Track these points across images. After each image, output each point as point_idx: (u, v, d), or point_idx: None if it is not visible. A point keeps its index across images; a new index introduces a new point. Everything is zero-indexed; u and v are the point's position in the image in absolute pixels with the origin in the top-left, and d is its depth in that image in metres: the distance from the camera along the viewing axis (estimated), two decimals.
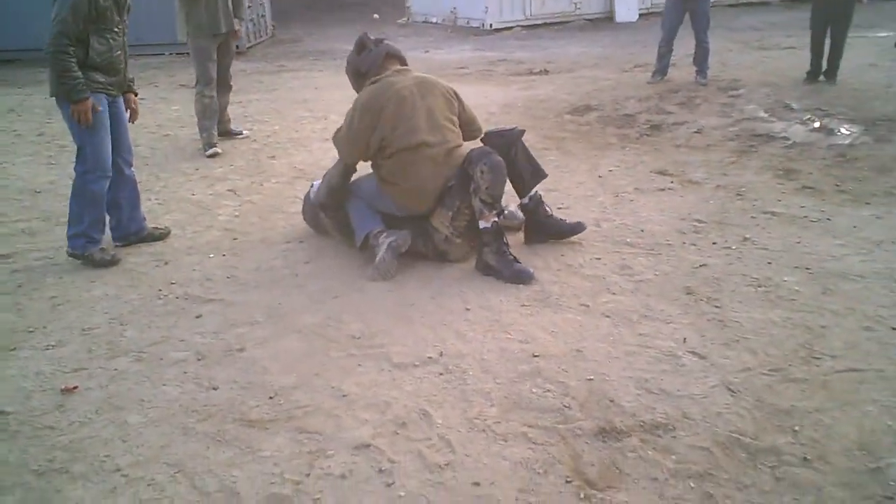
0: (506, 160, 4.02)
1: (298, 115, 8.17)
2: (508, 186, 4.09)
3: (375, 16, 17.74)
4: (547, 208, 4.34)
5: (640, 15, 16.18)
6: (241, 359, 3.25)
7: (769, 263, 4.03)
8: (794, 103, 7.97)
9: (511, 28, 14.91)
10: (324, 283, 3.97)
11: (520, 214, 4.44)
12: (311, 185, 4.65)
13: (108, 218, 4.38)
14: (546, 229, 4.32)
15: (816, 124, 7.05)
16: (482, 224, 3.94)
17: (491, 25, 14.75)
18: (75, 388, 3.06)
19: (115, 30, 4.13)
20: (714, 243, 4.32)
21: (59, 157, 6.58)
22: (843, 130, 6.83)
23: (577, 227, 4.32)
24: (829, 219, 4.63)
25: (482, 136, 4.31)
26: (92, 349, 3.37)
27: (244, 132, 7.20)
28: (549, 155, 6.25)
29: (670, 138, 6.73)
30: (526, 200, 4.29)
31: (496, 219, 3.96)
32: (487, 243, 3.94)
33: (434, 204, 4.09)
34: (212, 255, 4.39)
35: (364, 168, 4.31)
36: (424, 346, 3.29)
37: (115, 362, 3.25)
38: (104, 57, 4.10)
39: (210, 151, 6.58)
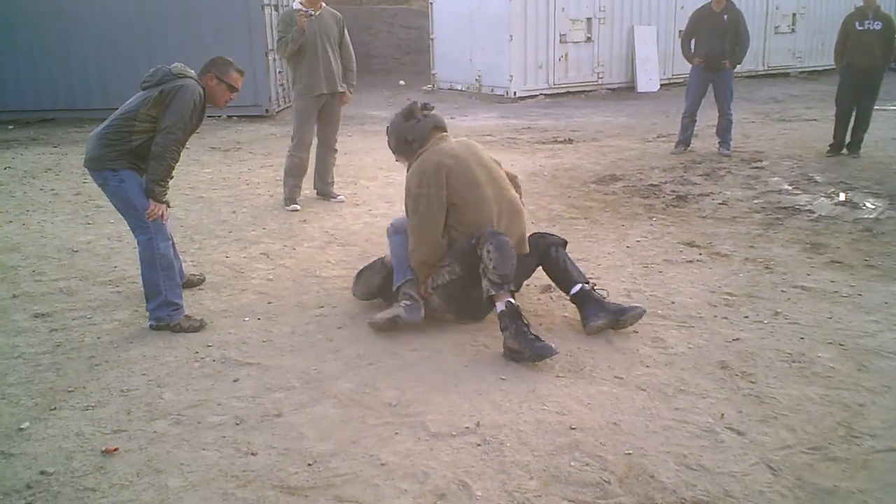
0: (546, 259, 4.25)
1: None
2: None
3: (402, 82, 18.12)
4: (601, 292, 4.25)
5: (662, 85, 16.45)
6: (279, 424, 3.27)
7: (802, 339, 4.03)
8: (817, 176, 8.06)
9: (535, 96, 15.20)
10: (358, 348, 4.01)
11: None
12: (381, 260, 4.72)
13: None
14: (605, 308, 4.11)
15: (842, 197, 7.11)
16: (498, 307, 3.91)
17: (515, 93, 15.05)
18: (116, 449, 3.08)
19: None
20: (746, 317, 4.33)
21: (95, 216, 6.72)
22: (868, 205, 6.88)
23: (634, 307, 4.13)
24: (859, 294, 4.64)
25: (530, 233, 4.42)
26: (131, 411, 3.41)
27: (341, 197, 7.34)
28: (577, 224, 6.32)
29: (696, 209, 6.79)
30: (575, 290, 4.21)
31: (511, 299, 3.92)
32: (506, 327, 3.86)
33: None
34: (247, 319, 4.45)
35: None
36: (461, 415, 3.30)
37: (153, 424, 3.29)
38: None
39: (290, 207, 6.95)
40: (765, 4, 17.71)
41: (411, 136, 4.35)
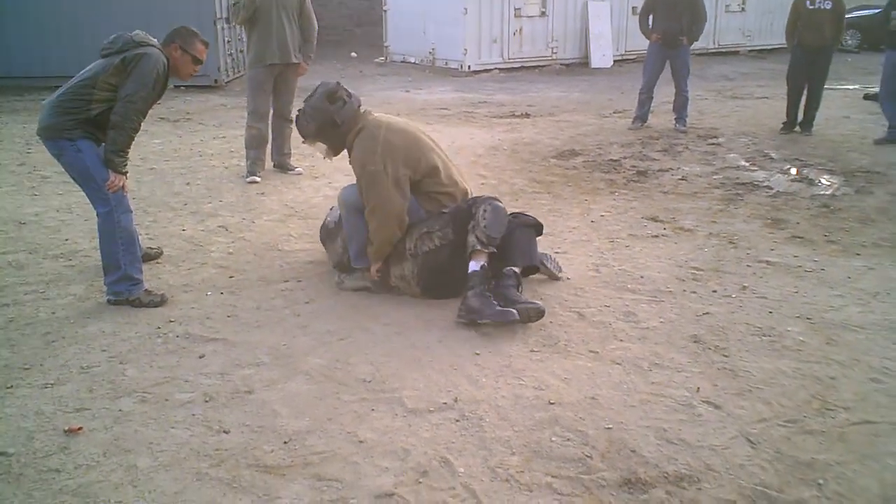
0: (508, 234, 4.07)
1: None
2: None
3: (353, 54, 17.84)
4: (515, 286, 3.98)
5: (615, 61, 16.50)
6: (250, 401, 3.17)
7: (770, 313, 4.07)
8: (773, 153, 8.16)
9: (490, 70, 15.09)
10: (327, 323, 3.91)
11: (558, 265, 4.55)
12: (331, 209, 4.77)
13: None
14: (506, 297, 3.88)
15: (793, 172, 7.22)
16: (472, 266, 3.90)
17: (469, 67, 14.92)
18: (79, 429, 2.95)
19: None
20: (714, 291, 4.35)
21: (42, 187, 6.45)
22: (823, 181, 6.99)
23: (533, 304, 3.85)
24: (822, 269, 4.70)
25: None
26: (93, 388, 3.26)
27: (298, 169, 7.15)
28: (541, 199, 6.29)
29: (657, 185, 6.81)
30: (504, 269, 4.03)
31: (485, 262, 3.91)
32: (472, 287, 3.85)
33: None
34: (209, 293, 4.31)
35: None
36: (437, 391, 3.24)
37: (118, 402, 3.15)
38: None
39: (249, 179, 6.78)
40: None
41: (340, 118, 4.14)
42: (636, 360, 3.52)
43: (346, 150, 4.24)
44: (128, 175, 4.12)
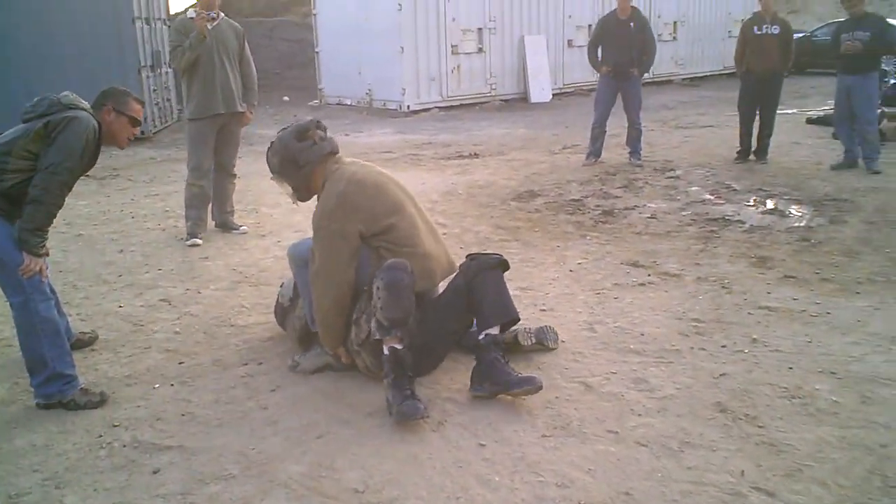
0: (470, 286, 3.55)
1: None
2: None
3: (286, 98, 17.30)
4: (500, 356, 3.45)
5: (553, 94, 16.38)
6: None
7: (791, 369, 3.69)
8: (734, 184, 7.97)
9: (429, 109, 14.75)
10: (300, 417, 3.36)
11: (555, 335, 3.99)
12: (281, 286, 4.19)
13: None
14: (492, 376, 3.40)
15: (770, 205, 6.99)
16: (384, 350, 3.38)
17: (409, 107, 14.56)
18: None
19: None
20: (723, 346, 3.97)
21: None
22: (793, 212, 6.77)
23: (528, 382, 3.35)
24: (828, 313, 4.38)
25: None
26: None
27: (244, 228, 6.56)
28: (510, 247, 5.87)
29: (627, 225, 6.47)
30: (481, 337, 3.49)
31: (396, 345, 3.35)
32: (386, 374, 3.35)
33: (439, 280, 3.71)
34: (157, 386, 3.72)
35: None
36: (445, 498, 2.74)
37: None
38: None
39: (190, 242, 6.16)
40: (647, 13, 17.97)
41: (303, 159, 3.65)
42: (663, 440, 3.08)
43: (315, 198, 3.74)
44: (49, 253, 3.52)
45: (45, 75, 10.31)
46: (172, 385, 3.72)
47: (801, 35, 19.08)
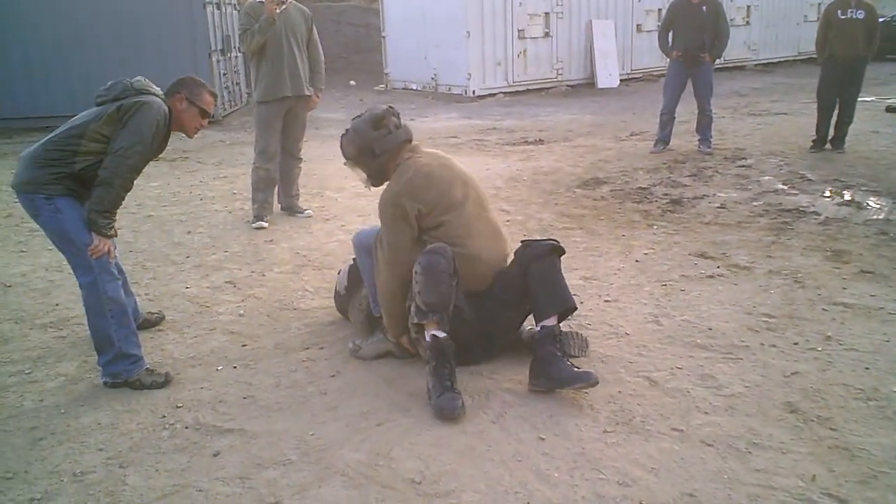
0: (524, 276, 3.49)
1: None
2: None
3: (352, 82, 17.40)
4: (556, 349, 3.38)
5: (621, 80, 16.07)
6: None
7: (867, 369, 3.53)
8: (808, 173, 7.69)
9: (494, 94, 14.66)
10: (360, 403, 3.36)
11: (584, 342, 3.82)
12: (339, 273, 4.20)
13: None
14: (548, 371, 3.33)
15: (847, 196, 6.71)
16: (426, 336, 3.36)
17: (474, 92, 14.47)
18: None
19: None
20: (795, 344, 3.82)
21: (30, 242, 5.93)
22: (871, 204, 6.49)
23: (584, 377, 3.26)
24: None
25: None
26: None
27: (308, 212, 6.64)
28: (574, 235, 5.77)
29: (696, 214, 6.30)
30: (538, 329, 3.48)
31: (438, 332, 3.32)
32: (428, 360, 3.34)
33: (492, 282, 3.63)
34: (220, 368, 3.77)
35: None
36: (503, 492, 2.70)
37: None
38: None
39: (256, 224, 6.27)
40: None
41: (379, 148, 3.65)
42: (730, 440, 2.98)
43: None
44: (116, 234, 3.57)
45: (127, 61, 10.59)
46: (235, 367, 3.76)
47: (881, 20, 18.34)
